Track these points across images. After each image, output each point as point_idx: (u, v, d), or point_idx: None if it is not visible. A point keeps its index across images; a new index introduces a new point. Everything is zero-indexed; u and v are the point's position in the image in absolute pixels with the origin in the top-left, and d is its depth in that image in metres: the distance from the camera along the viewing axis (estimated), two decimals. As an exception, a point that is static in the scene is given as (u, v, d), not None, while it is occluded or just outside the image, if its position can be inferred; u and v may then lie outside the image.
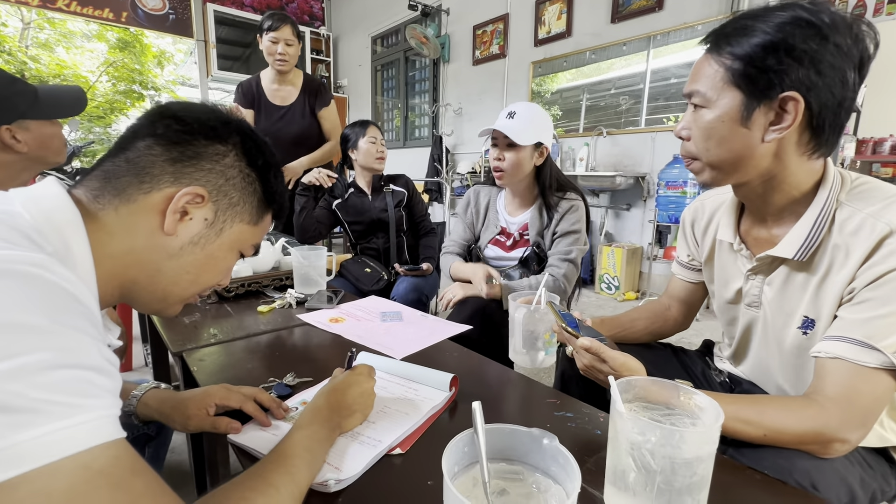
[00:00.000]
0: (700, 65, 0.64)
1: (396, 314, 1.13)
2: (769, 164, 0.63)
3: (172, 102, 0.53)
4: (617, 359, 0.65)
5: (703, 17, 2.82)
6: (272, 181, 0.55)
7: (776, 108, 0.59)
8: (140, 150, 0.47)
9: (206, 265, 0.52)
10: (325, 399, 0.58)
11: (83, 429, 0.31)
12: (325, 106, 2.25)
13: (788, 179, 0.64)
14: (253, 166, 0.53)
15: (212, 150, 0.49)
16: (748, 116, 0.60)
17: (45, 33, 8.32)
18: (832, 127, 0.59)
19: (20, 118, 0.89)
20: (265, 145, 0.55)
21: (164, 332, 0.96)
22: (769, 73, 0.57)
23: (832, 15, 0.56)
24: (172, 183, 0.47)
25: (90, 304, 0.36)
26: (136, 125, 0.49)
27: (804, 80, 0.56)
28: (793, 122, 0.58)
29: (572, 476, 0.34)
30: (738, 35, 0.59)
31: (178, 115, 0.49)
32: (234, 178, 0.51)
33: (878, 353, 0.56)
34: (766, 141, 0.60)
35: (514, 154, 1.25)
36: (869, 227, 0.58)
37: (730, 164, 0.64)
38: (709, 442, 0.42)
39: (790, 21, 0.56)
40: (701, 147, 0.66)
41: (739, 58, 0.59)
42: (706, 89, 0.63)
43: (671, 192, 2.84)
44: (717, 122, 0.63)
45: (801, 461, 0.56)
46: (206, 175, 0.49)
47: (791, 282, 0.68)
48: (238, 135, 0.52)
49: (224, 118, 0.52)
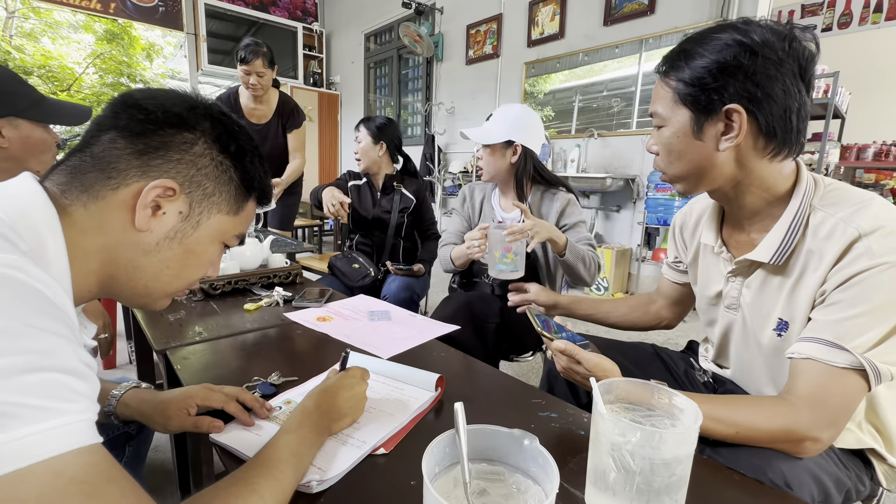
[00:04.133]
0: (656, 88, 0.71)
1: (384, 313, 1.13)
2: (733, 170, 0.67)
3: (136, 90, 0.49)
4: (591, 360, 0.68)
5: (693, 21, 2.86)
6: (249, 166, 0.52)
7: (723, 119, 0.64)
8: (104, 144, 0.44)
9: (186, 259, 0.50)
10: (314, 401, 0.57)
11: (56, 433, 0.30)
12: (296, 127, 2.38)
13: (756, 182, 0.68)
14: (226, 153, 0.50)
15: (179, 139, 0.46)
16: (699, 130, 0.65)
17: (30, 23, 8.12)
18: (784, 131, 0.63)
19: (14, 116, 0.90)
20: (239, 129, 0.52)
21: (148, 330, 0.95)
22: (708, 91, 0.63)
23: (761, 30, 0.61)
24: (140, 177, 0.44)
25: (66, 306, 0.35)
26: (99, 117, 0.46)
27: (742, 92, 0.61)
28: (739, 131, 0.63)
29: (551, 476, 0.34)
30: (680, 59, 0.66)
31: (141, 104, 0.46)
32: (206, 167, 0.48)
33: (847, 354, 0.57)
34: (722, 150, 0.65)
35: (487, 153, 1.33)
36: (840, 231, 0.60)
37: (693, 174, 0.70)
38: (687, 443, 0.43)
39: (724, 42, 0.62)
40: (666, 161, 0.72)
41: (682, 80, 0.65)
42: (661, 109, 0.69)
43: (660, 195, 2.87)
44: (673, 138, 0.68)
45: (776, 461, 0.57)
46: (175, 166, 0.46)
47: (768, 284, 0.70)
48: (207, 120, 0.48)
49: (191, 103, 0.49)
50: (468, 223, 1.48)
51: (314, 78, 6.10)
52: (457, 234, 1.46)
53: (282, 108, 2.33)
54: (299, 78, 5.93)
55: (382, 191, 1.82)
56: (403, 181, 1.84)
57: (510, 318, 1.27)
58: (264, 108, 2.29)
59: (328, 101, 6.13)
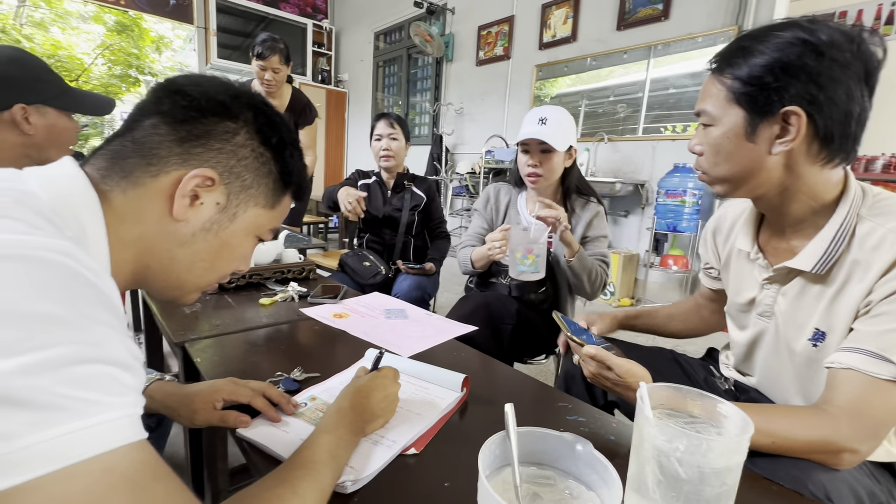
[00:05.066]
0: (706, 85, 0.68)
1: (401, 311, 1.12)
2: (781, 175, 0.65)
3: (179, 76, 0.48)
4: (622, 366, 0.67)
5: (707, 28, 2.85)
6: (289, 160, 0.51)
7: (780, 122, 0.61)
8: (146, 130, 0.43)
9: (220, 252, 0.48)
10: (349, 401, 0.55)
11: (107, 428, 0.29)
12: (307, 124, 2.37)
13: (804, 189, 0.65)
14: (267, 144, 0.48)
15: (221, 128, 0.45)
16: (753, 132, 0.63)
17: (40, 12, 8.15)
18: (842, 137, 0.61)
19: (43, 104, 0.90)
20: (281, 121, 0.50)
21: (164, 322, 0.94)
22: (768, 91, 0.60)
23: (830, 30, 0.58)
24: (180, 165, 0.43)
25: (113, 295, 0.34)
26: (142, 102, 0.45)
27: (804, 94, 0.58)
28: (797, 135, 0.60)
29: (610, 484, 0.33)
30: (738, 56, 0.62)
31: (185, 91, 0.45)
32: (247, 158, 0.47)
33: (891, 366, 0.56)
34: (774, 154, 0.63)
35: (549, 159, 1.25)
36: (890, 242, 0.59)
37: (739, 177, 0.67)
38: (738, 452, 0.41)
39: (787, 40, 0.59)
40: (710, 162, 0.69)
41: (739, 78, 0.62)
42: (711, 108, 0.66)
43: (670, 201, 2.86)
44: (723, 138, 0.65)
45: (815, 473, 0.56)
46: (215, 155, 0.45)
47: (806, 293, 0.69)
48: (250, 110, 0.47)
49: (234, 92, 0.47)
50: (490, 225, 1.45)
51: (323, 75, 6.10)
52: (477, 235, 1.43)
53: (294, 104, 2.32)
54: (308, 75, 5.93)
55: (393, 189, 1.81)
56: (414, 179, 1.84)
57: (526, 320, 1.26)
58: (276, 104, 2.25)
59: (336, 99, 6.13)
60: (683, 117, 3.00)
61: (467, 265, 1.35)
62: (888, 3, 4.19)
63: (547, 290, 1.33)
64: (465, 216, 4.54)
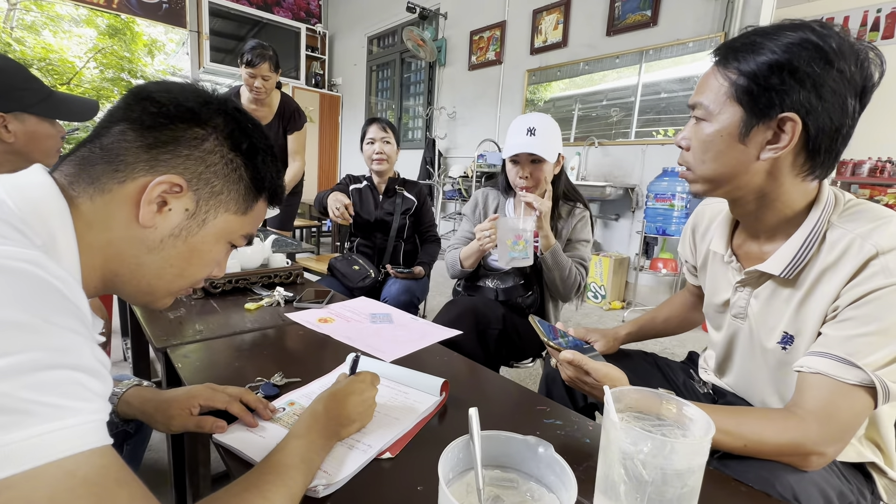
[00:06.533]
0: (707, 77, 0.65)
1: (386, 316, 1.12)
2: (762, 181, 0.64)
3: (150, 83, 0.48)
4: (599, 370, 0.67)
5: (695, 34, 2.89)
6: (261, 166, 0.51)
7: (774, 127, 0.60)
8: (114, 136, 0.43)
9: (190, 258, 0.48)
10: (323, 405, 0.56)
11: (71, 433, 0.29)
12: (297, 130, 2.38)
13: (782, 198, 0.65)
14: (237, 150, 0.48)
15: (189, 135, 0.45)
16: (746, 133, 0.61)
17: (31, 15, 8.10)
18: (828, 152, 0.60)
19: (22, 111, 0.90)
20: (253, 127, 0.50)
21: (147, 327, 0.94)
22: (771, 92, 0.58)
23: (840, 40, 0.56)
24: (147, 171, 0.43)
25: (80, 302, 0.34)
26: (112, 109, 0.46)
27: (804, 102, 0.57)
28: (789, 143, 0.59)
29: (568, 486, 0.34)
30: (746, 51, 0.60)
31: (154, 97, 0.45)
32: (216, 164, 0.47)
33: (858, 371, 0.57)
34: (762, 159, 0.62)
35: (539, 169, 1.25)
36: (857, 248, 0.60)
37: (722, 178, 0.66)
38: (700, 453, 0.42)
39: (798, 42, 0.56)
40: (698, 159, 0.67)
41: (744, 73, 0.60)
42: (709, 102, 0.64)
43: (659, 205, 2.88)
44: (715, 136, 0.64)
45: (784, 474, 0.57)
46: (183, 162, 0.45)
47: (776, 297, 0.70)
48: (220, 116, 0.47)
49: (205, 98, 0.47)
50: None
51: (316, 79, 6.11)
52: (465, 239, 1.44)
53: (283, 109, 2.31)
54: (301, 79, 5.94)
55: (385, 193, 1.82)
56: (405, 184, 1.85)
57: (512, 324, 1.27)
58: (265, 110, 2.28)
59: (329, 103, 6.14)
60: (673, 121, 3.04)
61: (456, 266, 1.36)
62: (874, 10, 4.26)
63: (534, 293, 1.34)
64: (458, 220, 4.55)
